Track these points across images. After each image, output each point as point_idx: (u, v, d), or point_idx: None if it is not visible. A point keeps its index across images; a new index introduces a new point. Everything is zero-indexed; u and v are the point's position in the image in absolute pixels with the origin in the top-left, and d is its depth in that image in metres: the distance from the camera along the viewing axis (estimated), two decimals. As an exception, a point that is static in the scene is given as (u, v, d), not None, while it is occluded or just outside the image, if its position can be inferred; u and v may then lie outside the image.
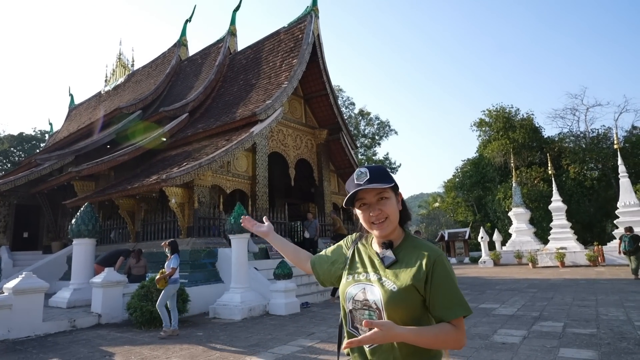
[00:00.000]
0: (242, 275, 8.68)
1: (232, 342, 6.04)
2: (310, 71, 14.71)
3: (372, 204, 1.36)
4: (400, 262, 1.34)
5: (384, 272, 1.34)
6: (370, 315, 1.30)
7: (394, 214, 1.36)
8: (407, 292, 1.27)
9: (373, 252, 1.42)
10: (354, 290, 1.37)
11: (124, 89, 21.54)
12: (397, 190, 1.41)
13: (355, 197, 1.38)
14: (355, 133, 40.30)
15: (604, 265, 18.03)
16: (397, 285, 1.28)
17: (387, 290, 1.28)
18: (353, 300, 1.36)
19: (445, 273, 1.28)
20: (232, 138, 11.67)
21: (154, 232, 11.27)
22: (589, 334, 5.50)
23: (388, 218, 1.35)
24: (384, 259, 1.36)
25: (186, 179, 9.66)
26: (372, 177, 1.34)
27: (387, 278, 1.32)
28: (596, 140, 29.63)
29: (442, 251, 1.37)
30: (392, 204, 1.36)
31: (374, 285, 1.32)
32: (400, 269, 1.32)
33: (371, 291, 1.32)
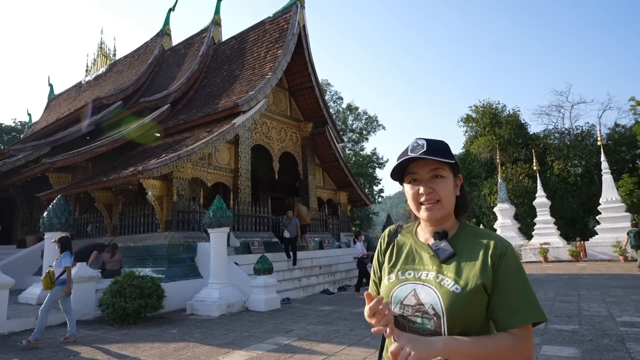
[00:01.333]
0: (221, 271, 8.42)
1: (206, 340, 5.80)
2: (295, 63, 14.41)
3: (425, 180, 1.14)
4: (459, 255, 1.11)
5: (439, 268, 1.11)
6: (424, 322, 1.07)
7: (449, 197, 1.14)
8: (475, 293, 1.04)
9: (421, 244, 1.19)
10: (402, 292, 1.13)
11: (105, 79, 20.91)
12: (457, 172, 1.18)
13: (406, 170, 1.16)
14: (343, 128, 40.08)
15: (585, 261, 18.22)
16: (460, 285, 1.05)
17: (449, 292, 1.05)
18: (401, 305, 1.12)
19: (514, 267, 1.05)
20: (214, 130, 11.34)
21: (132, 226, 10.92)
22: (571, 330, 5.40)
23: (440, 201, 1.12)
24: (438, 251, 1.13)
25: (164, 171, 9.32)
26: (430, 149, 1.10)
27: (445, 276, 1.09)
28: (580, 137, 29.95)
29: (509, 242, 1.13)
30: (447, 184, 1.13)
31: (428, 286, 1.09)
32: (461, 264, 1.09)
33: (426, 293, 1.09)
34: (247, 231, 11.70)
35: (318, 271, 11.70)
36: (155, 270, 9.08)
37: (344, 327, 6.33)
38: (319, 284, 10.92)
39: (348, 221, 16.86)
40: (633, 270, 13.42)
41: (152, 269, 9.18)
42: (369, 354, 4.75)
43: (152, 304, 7.30)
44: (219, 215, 8.42)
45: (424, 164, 1.13)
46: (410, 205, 1.19)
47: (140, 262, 9.63)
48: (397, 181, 1.21)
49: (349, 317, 7.12)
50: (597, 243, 18.41)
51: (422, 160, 1.12)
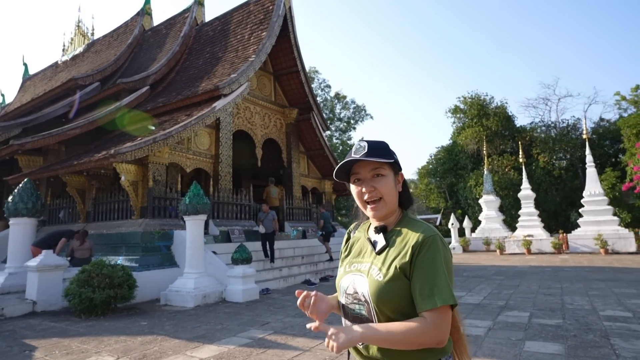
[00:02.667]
0: (197, 260, 8.08)
1: (176, 333, 5.48)
2: (280, 46, 13.94)
3: (366, 179, 1.21)
4: (390, 246, 1.19)
5: (373, 259, 1.19)
6: (359, 309, 1.17)
7: (390, 194, 1.21)
8: (394, 280, 1.11)
9: (368, 239, 1.28)
10: (346, 282, 1.23)
11: (83, 59, 20.04)
12: (397, 170, 1.25)
13: (351, 170, 1.25)
14: (331, 116, 39.67)
15: (567, 253, 18.39)
16: (382, 273, 1.14)
17: (373, 280, 1.14)
18: (345, 294, 1.22)
19: (431, 254, 1.10)
20: (193, 113, 10.87)
21: (105, 212, 10.45)
22: (555, 325, 5.24)
23: (382, 199, 1.20)
24: (375, 244, 1.22)
25: (139, 155, 8.87)
26: (370, 151, 1.18)
27: (375, 266, 1.17)
28: (566, 130, 30.18)
29: (436, 231, 1.16)
30: (387, 182, 1.21)
31: (362, 275, 1.18)
32: (388, 254, 1.17)
33: (360, 282, 1.18)
34: (228, 219, 11.35)
35: (300, 261, 11.45)
36: (128, 259, 8.69)
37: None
38: (300, 274, 10.67)
39: (332, 210, 16.60)
40: (613, 263, 13.52)
41: (126, 258, 8.79)
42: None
43: (122, 294, 6.94)
44: (196, 202, 8.05)
45: (366, 165, 1.20)
46: (358, 203, 1.26)
47: (114, 250, 9.22)
48: (343, 181, 1.28)
49: (328, 309, 6.86)
50: (579, 236, 18.58)
51: (364, 161, 1.19)
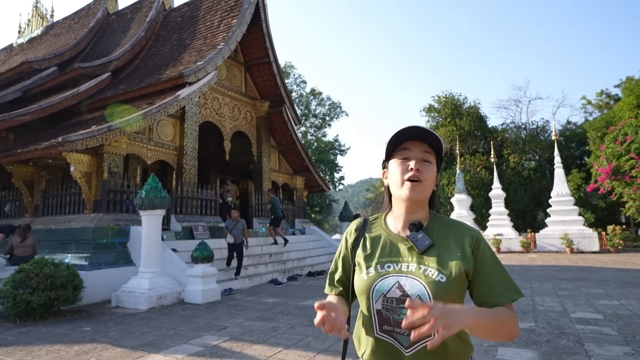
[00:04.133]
0: (153, 258, 7.48)
1: (120, 341, 4.93)
2: (252, 35, 13.36)
3: (417, 159, 1.14)
4: (437, 245, 1.14)
5: (420, 259, 1.11)
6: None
7: (430, 184, 1.16)
8: (458, 280, 1.08)
9: (396, 236, 1.19)
10: (385, 285, 1.11)
11: (41, 42, 18.73)
12: (440, 164, 1.20)
13: (399, 145, 1.18)
14: (306, 112, 39.18)
15: (535, 252, 18.70)
16: (445, 274, 1.07)
17: (434, 281, 1.07)
18: (384, 298, 1.10)
19: (490, 253, 1.13)
20: (156, 101, 10.18)
21: (55, 206, 9.65)
22: (527, 328, 5.02)
23: (424, 183, 1.14)
24: (417, 242, 1.13)
25: (91, 144, 8.15)
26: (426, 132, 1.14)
27: (427, 266, 1.10)
28: (535, 132, 30.87)
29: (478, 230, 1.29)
30: (432, 171, 1.16)
31: (412, 277, 1.09)
32: (441, 254, 1.11)
33: (411, 284, 1.08)
34: (192, 215, 10.73)
35: (267, 259, 10.98)
36: (78, 257, 8.00)
37: (286, 323, 5.66)
38: (267, 273, 10.21)
39: (304, 207, 16.19)
40: (579, 262, 13.74)
41: (75, 255, 8.08)
42: (307, 358, 4.10)
43: (65, 296, 6.28)
44: (153, 195, 7.44)
45: (419, 144, 1.16)
46: (394, 181, 1.18)
47: (62, 247, 8.47)
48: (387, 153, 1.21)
49: (293, 312, 6.45)
50: (546, 235, 18.92)
51: (418, 141, 1.16)
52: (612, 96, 30.80)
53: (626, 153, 19.14)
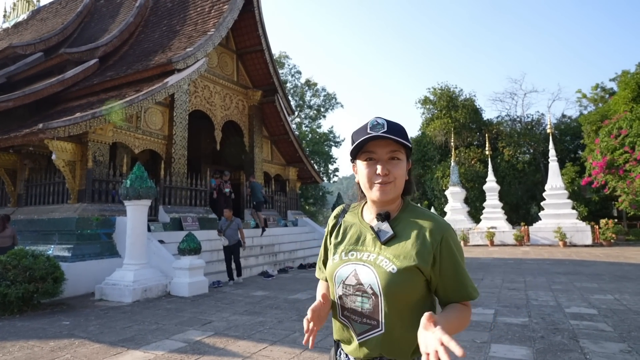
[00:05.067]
0: (138, 250, 7.26)
1: (99, 336, 4.73)
2: (244, 22, 13.02)
3: (382, 160, 1.12)
4: (399, 237, 1.12)
5: (380, 249, 1.12)
6: (363, 302, 1.10)
7: (401, 179, 1.14)
8: (410, 274, 1.07)
9: (365, 226, 1.20)
10: (344, 272, 1.14)
11: (27, 27, 18.21)
12: (409, 156, 1.18)
13: (362, 148, 1.14)
14: (301, 103, 38.80)
15: (528, 245, 18.68)
16: (396, 266, 1.08)
17: (385, 272, 1.08)
18: (343, 285, 1.13)
19: (455, 252, 1.10)
20: (144, 89, 9.87)
21: (39, 196, 9.37)
22: (521, 324, 4.88)
23: (394, 182, 1.12)
24: (379, 233, 1.13)
25: (75, 131, 7.86)
26: (390, 129, 1.10)
27: (384, 257, 1.10)
28: (530, 125, 30.78)
29: (448, 223, 1.14)
30: (402, 167, 1.14)
31: (367, 266, 1.10)
32: (400, 246, 1.10)
33: (365, 273, 1.10)
34: (181, 205, 10.50)
35: (258, 251, 10.79)
36: (61, 248, 7.76)
37: (273, 318, 5.49)
38: (257, 265, 10.03)
39: (297, 198, 15.99)
40: (572, 255, 13.70)
41: (58, 246, 7.84)
42: (293, 355, 3.93)
43: (45, 288, 6.07)
44: (138, 185, 7.20)
45: (384, 144, 1.12)
46: (363, 183, 1.17)
47: (45, 238, 8.22)
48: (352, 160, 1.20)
49: (281, 305, 6.28)
50: (539, 228, 18.88)
51: (383, 140, 1.11)
52: (607, 90, 30.75)
53: (620, 147, 19.11)
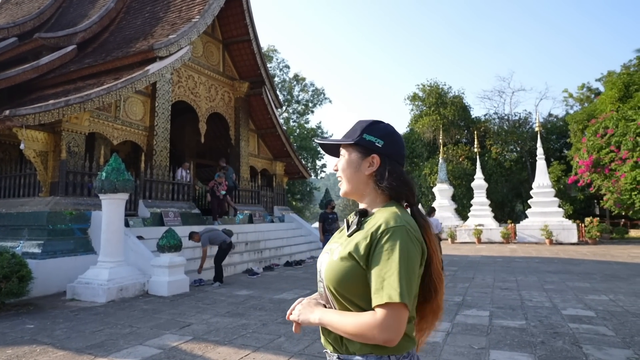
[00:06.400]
0: (114, 246, 6.82)
1: (65, 341, 4.32)
2: (231, 11, 12.55)
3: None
4: (360, 230, 1.12)
5: (343, 240, 1.14)
6: (319, 286, 1.18)
7: (347, 174, 1.19)
8: (344, 262, 1.06)
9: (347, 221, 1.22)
10: (319, 260, 1.21)
11: (1, 11, 17.34)
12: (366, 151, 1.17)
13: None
14: (289, 98, 38.31)
15: (515, 243, 18.70)
16: (337, 255, 1.09)
17: (328, 260, 1.12)
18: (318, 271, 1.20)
19: (391, 245, 1.01)
20: (123, 76, 9.36)
21: (8, 188, 8.81)
22: (518, 327, 4.64)
23: (342, 177, 1.22)
24: (349, 226, 1.15)
25: (46, 119, 7.35)
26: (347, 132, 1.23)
27: (338, 245, 1.13)
28: (517, 123, 30.94)
29: (401, 224, 1.05)
30: (345, 163, 1.20)
31: (327, 254, 1.16)
32: (352, 237, 1.11)
33: (322, 259, 1.17)
34: (162, 200, 10.04)
35: (243, 248, 10.40)
36: (30, 244, 7.25)
37: (257, 320, 5.14)
38: (242, 262, 9.66)
39: (284, 194, 15.62)
40: (559, 253, 13.68)
41: (27, 242, 7.33)
42: (277, 364, 3.59)
43: (9, 288, 5.60)
44: (114, 178, 6.74)
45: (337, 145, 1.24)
46: None
47: (13, 234, 7.70)
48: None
49: (266, 306, 5.94)
50: (526, 226, 18.92)
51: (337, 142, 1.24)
52: (593, 90, 31.09)
53: (607, 146, 19.24)
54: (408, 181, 1.16)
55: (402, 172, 1.16)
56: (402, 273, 0.99)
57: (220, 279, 7.81)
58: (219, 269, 7.80)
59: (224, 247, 7.81)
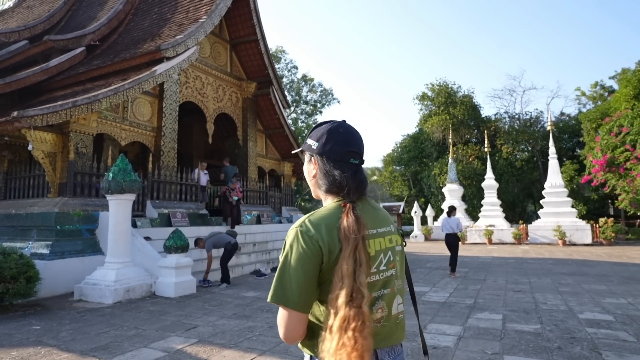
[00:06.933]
0: (121, 247, 6.80)
1: (70, 343, 4.27)
2: (238, 11, 12.52)
3: None
4: None
5: None
6: None
7: (307, 180, 1.27)
8: None
9: None
10: None
11: (12, 15, 17.56)
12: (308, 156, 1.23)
13: None
14: (297, 99, 38.29)
15: (527, 244, 18.37)
16: None
17: None
18: None
19: (283, 249, 1.09)
20: (131, 77, 9.36)
21: (18, 189, 8.86)
22: (533, 332, 4.48)
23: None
24: None
25: (53, 120, 7.36)
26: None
27: None
28: (529, 122, 30.47)
29: (297, 226, 1.07)
30: (304, 170, 1.29)
31: None
32: None
33: None
34: (170, 200, 10.02)
35: (251, 248, 10.34)
36: (39, 245, 7.27)
37: (264, 322, 5.05)
38: (250, 263, 9.60)
39: (292, 194, 15.54)
40: (573, 255, 13.38)
41: (36, 243, 7.35)
42: (283, 368, 3.50)
43: (16, 289, 5.59)
44: (121, 178, 6.72)
45: None
46: None
47: (23, 234, 7.73)
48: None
49: (273, 308, 5.84)
50: (538, 227, 18.58)
51: None
52: (606, 88, 30.50)
53: (621, 145, 18.80)
54: (332, 175, 1.12)
55: (329, 168, 1.13)
56: (279, 274, 1.05)
57: (227, 280, 7.75)
58: (225, 270, 7.74)
59: (228, 248, 7.74)
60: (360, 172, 1.15)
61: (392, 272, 1.12)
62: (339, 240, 1.03)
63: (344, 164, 1.13)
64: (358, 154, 1.15)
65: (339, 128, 1.16)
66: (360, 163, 1.16)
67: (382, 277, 1.09)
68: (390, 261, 1.12)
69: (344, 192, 1.11)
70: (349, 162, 1.14)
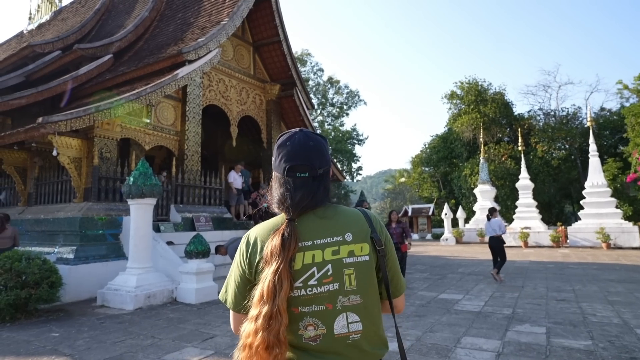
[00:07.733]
0: (141, 252, 6.72)
1: (84, 353, 4.14)
2: (260, 12, 12.41)
3: None
4: None
5: None
6: None
7: None
8: None
9: None
10: None
11: (49, 27, 18.27)
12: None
13: None
14: (323, 101, 38.13)
15: (567, 247, 17.31)
16: None
17: None
18: None
19: None
20: (154, 82, 9.38)
21: (47, 194, 9.02)
22: (584, 349, 3.98)
23: None
24: None
25: (77, 125, 7.41)
26: None
27: None
28: (566, 119, 28.96)
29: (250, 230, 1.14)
30: None
31: None
32: None
33: None
34: (194, 204, 9.97)
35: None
36: (64, 250, 7.31)
37: (284, 333, 4.77)
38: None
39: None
40: (620, 259, 12.42)
41: (62, 248, 7.41)
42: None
43: (39, 294, 5.57)
44: (141, 182, 6.65)
45: None
46: None
47: (50, 239, 7.82)
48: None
49: (295, 317, 5.56)
50: (579, 229, 17.48)
51: None
52: (651, 80, 28.55)
53: (671, 140, 17.46)
54: (278, 191, 1.13)
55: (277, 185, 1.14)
56: (228, 276, 1.14)
57: None
58: None
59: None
60: (307, 186, 1.09)
61: (328, 288, 1.02)
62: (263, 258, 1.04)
63: (289, 179, 1.10)
64: (308, 166, 1.10)
65: (287, 142, 1.13)
66: (311, 175, 1.10)
67: (309, 292, 1.02)
68: (328, 275, 1.03)
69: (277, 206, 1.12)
70: (295, 176, 1.10)
